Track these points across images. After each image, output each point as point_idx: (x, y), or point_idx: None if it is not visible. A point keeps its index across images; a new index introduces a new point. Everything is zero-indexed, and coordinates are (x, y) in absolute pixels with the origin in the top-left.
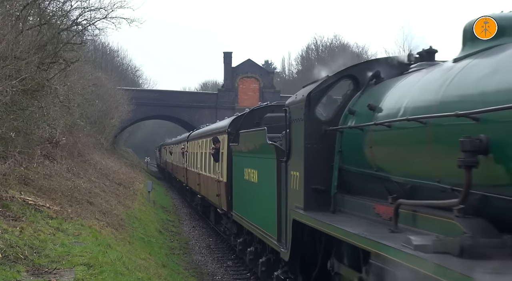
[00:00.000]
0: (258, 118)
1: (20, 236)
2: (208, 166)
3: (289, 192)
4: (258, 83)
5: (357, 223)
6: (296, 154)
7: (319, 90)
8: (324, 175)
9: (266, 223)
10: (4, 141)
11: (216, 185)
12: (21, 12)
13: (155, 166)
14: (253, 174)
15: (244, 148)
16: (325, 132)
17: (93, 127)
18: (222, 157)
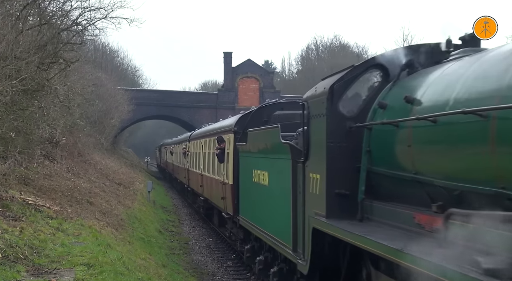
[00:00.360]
0: (267, 116)
1: (20, 236)
2: (212, 167)
3: (307, 197)
4: (258, 83)
5: (394, 235)
6: (316, 154)
7: (343, 82)
8: (348, 178)
9: (278, 230)
10: (4, 141)
11: (221, 188)
12: (21, 12)
13: (155, 166)
14: (263, 176)
15: (253, 148)
16: (349, 129)
17: (93, 127)
18: (228, 157)
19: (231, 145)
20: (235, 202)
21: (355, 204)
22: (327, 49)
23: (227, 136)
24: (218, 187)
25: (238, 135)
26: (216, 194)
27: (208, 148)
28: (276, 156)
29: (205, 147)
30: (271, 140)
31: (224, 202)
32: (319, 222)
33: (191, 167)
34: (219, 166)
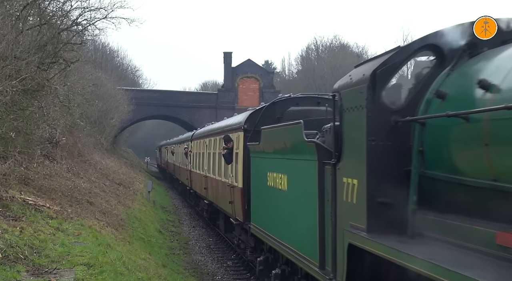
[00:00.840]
0: (280, 112)
1: (20, 236)
2: (218, 168)
3: (340, 206)
4: (258, 83)
5: (470, 261)
6: (352, 154)
7: (387, 68)
8: (394, 184)
9: (300, 243)
10: (4, 141)
11: (229, 191)
12: (21, 12)
13: (155, 166)
14: (280, 179)
15: (268, 148)
16: (395, 125)
17: (93, 127)
18: (237, 158)
19: (240, 144)
20: (245, 207)
21: (403, 216)
22: (327, 49)
23: (236, 135)
24: (225, 190)
25: (248, 134)
26: (223, 198)
27: (213, 148)
28: (298, 157)
29: (210, 147)
30: (291, 138)
31: (232, 207)
32: (358, 238)
33: (193, 168)
34: (227, 168)
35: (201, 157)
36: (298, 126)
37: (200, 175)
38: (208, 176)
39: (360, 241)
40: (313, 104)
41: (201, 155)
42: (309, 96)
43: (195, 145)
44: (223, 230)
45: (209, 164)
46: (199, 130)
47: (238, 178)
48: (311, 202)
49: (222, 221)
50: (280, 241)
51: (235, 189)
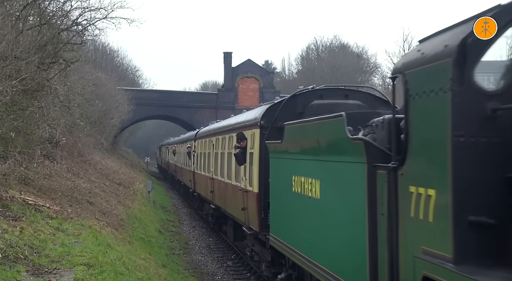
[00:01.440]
0: (302, 106)
1: (20, 236)
2: (227, 170)
3: (405, 224)
4: (258, 83)
5: None
6: (426, 155)
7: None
8: (492, 195)
9: (337, 264)
10: (4, 141)
11: (241, 196)
12: (21, 12)
13: (156, 166)
14: (310, 185)
15: (294, 147)
16: (492, 114)
17: (93, 127)
18: (252, 159)
19: (256, 143)
20: (262, 215)
21: (508, 242)
22: (327, 49)
23: (250, 132)
24: (236, 195)
25: (265, 131)
26: (234, 203)
27: (222, 148)
28: (337, 158)
29: (217, 146)
30: (328, 135)
31: (245, 214)
32: (440, 270)
33: (198, 170)
34: (238, 170)
35: (207, 157)
36: (339, 120)
37: (206, 177)
38: (215, 179)
39: (444, 275)
40: (340, 97)
41: (206, 155)
42: (335, 88)
43: (199, 144)
44: (232, 238)
45: (216, 165)
46: (204, 128)
47: (253, 182)
48: (355, 215)
49: (231, 229)
50: (308, 258)
51: (250, 194)
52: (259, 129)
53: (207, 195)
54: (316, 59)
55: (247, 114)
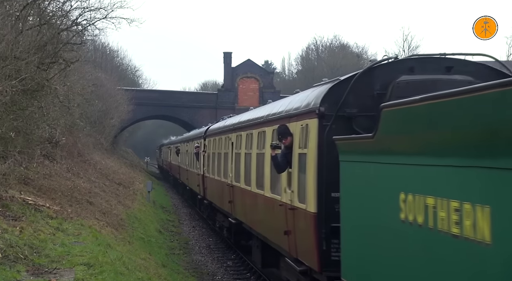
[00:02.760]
0: (381, 84)
1: (20, 236)
2: (257, 176)
3: None
4: (258, 83)
5: None
6: None
7: None
8: None
9: None
10: (4, 141)
11: (283, 214)
12: (21, 12)
13: (156, 166)
14: (456, 214)
15: (407, 144)
16: None
17: (93, 127)
18: (304, 163)
19: (311, 139)
20: (323, 246)
21: None
22: (327, 49)
23: (299, 125)
24: (273, 211)
25: (326, 121)
26: (268, 222)
27: (248, 147)
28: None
29: (240, 145)
30: None
31: (289, 240)
32: None
33: (209, 173)
34: (277, 178)
35: (223, 159)
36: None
37: (221, 183)
38: (237, 186)
39: None
40: (439, 70)
41: (222, 156)
42: (432, 57)
43: (211, 143)
44: (259, 263)
45: (237, 169)
46: (217, 123)
47: (308, 197)
48: None
49: (258, 251)
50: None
51: (299, 213)
52: (317, 119)
53: (223, 205)
54: (316, 59)
55: (292, 99)
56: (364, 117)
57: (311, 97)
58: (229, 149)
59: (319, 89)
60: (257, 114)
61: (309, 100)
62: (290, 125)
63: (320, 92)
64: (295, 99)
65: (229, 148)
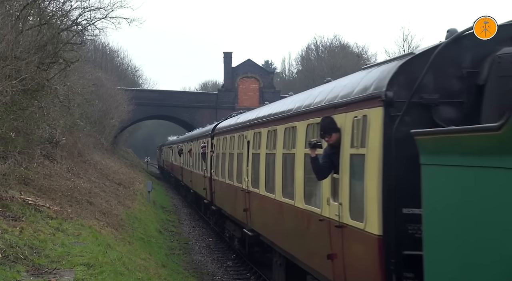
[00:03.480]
0: (473, 60)
1: (20, 236)
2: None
3: None
4: (258, 83)
5: None
6: None
7: None
8: None
9: None
10: (4, 141)
11: (324, 232)
12: (21, 12)
13: (156, 167)
14: None
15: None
16: None
17: (93, 127)
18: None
19: (373, 135)
20: None
21: None
22: (327, 49)
23: (353, 116)
24: (311, 228)
25: (396, 111)
26: (301, 239)
27: (270, 146)
28: None
29: (258, 145)
30: None
31: (336, 267)
32: None
33: (218, 176)
34: (316, 186)
35: (236, 160)
36: None
37: (234, 188)
38: (255, 193)
39: None
40: None
41: (234, 157)
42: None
43: (220, 142)
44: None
45: (255, 172)
46: (228, 120)
47: (368, 212)
48: None
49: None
50: None
51: (353, 234)
52: (383, 109)
53: (236, 213)
54: (316, 59)
55: (334, 85)
56: (448, 105)
57: (369, 79)
58: (244, 149)
59: (383, 68)
60: (282, 107)
61: (367, 83)
62: (337, 118)
63: (386, 72)
64: (340, 84)
65: (244, 147)
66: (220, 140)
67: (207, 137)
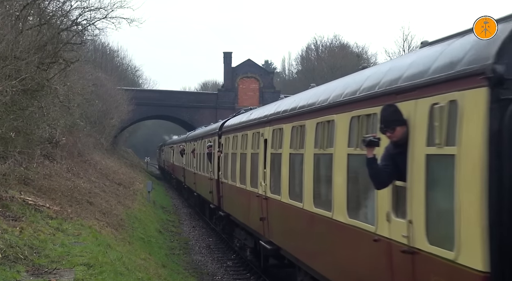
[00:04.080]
0: None
1: (20, 236)
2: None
3: None
4: (258, 83)
5: None
6: None
7: None
8: None
9: None
10: (4, 141)
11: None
12: (21, 12)
13: (157, 167)
14: None
15: None
16: None
17: (93, 127)
18: (455, 173)
19: (469, 127)
20: None
21: None
22: (327, 49)
23: (431, 103)
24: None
25: (508, 93)
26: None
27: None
28: None
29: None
30: None
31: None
32: None
33: (227, 179)
34: (369, 196)
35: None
36: None
37: (248, 193)
38: (275, 200)
39: None
40: None
41: (247, 158)
42: None
43: (229, 141)
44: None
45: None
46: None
47: (465, 238)
48: None
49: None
50: None
51: (436, 265)
52: (488, 89)
53: (249, 221)
54: (316, 59)
55: (391, 65)
56: None
57: (456, 52)
58: (260, 148)
59: (468, 39)
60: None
61: (454, 56)
62: (402, 107)
63: (491, 41)
64: (398, 64)
65: (260, 146)
66: (229, 138)
67: (214, 136)
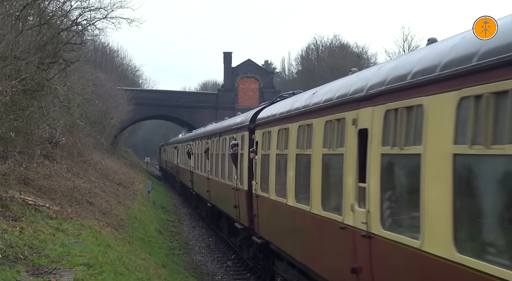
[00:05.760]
0: None
1: (20, 236)
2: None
3: None
4: (258, 83)
5: None
6: None
7: None
8: None
9: None
10: (4, 141)
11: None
12: (21, 12)
13: (157, 167)
14: None
15: None
16: None
17: (93, 127)
18: None
19: None
20: None
21: None
22: (327, 49)
23: None
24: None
25: None
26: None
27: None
28: None
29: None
30: None
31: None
32: None
33: (267, 192)
34: None
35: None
36: None
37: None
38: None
39: None
40: None
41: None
42: None
43: (270, 138)
44: None
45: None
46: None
47: None
48: None
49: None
50: None
51: None
52: None
53: (317, 264)
54: (316, 59)
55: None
56: None
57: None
58: (349, 147)
59: None
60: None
61: None
62: None
63: None
64: None
65: (348, 143)
66: (272, 134)
67: (241, 132)
